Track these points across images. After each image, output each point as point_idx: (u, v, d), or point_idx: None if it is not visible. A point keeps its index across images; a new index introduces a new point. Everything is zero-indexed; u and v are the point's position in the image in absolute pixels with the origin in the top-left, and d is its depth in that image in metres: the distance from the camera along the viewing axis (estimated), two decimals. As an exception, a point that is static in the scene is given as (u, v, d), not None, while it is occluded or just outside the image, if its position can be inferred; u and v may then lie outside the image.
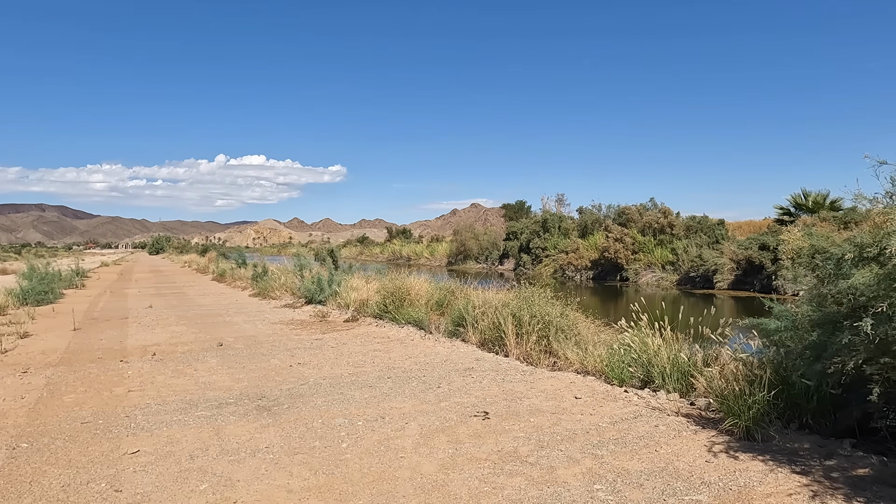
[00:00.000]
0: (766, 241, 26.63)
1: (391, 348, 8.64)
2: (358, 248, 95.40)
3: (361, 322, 11.18)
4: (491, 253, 51.59)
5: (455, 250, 56.99)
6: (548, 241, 41.94)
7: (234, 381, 6.67)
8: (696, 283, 29.85)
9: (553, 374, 6.85)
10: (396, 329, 10.23)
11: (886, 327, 3.23)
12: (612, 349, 6.56)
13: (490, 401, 5.70)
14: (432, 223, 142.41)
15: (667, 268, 32.29)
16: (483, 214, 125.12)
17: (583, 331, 8.59)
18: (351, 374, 6.94)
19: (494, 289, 10.81)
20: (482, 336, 8.72)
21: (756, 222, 37.78)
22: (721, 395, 4.70)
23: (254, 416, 5.28)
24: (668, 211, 34.13)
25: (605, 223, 36.88)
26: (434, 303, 10.82)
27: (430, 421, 5.08)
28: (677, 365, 5.68)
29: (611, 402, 5.56)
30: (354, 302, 12.33)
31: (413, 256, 69.17)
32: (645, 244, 33.48)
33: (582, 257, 37.26)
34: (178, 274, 31.81)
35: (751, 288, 27.11)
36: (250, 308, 14.23)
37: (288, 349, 8.63)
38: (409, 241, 77.99)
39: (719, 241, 31.08)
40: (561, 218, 44.23)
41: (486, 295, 9.97)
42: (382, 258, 79.84)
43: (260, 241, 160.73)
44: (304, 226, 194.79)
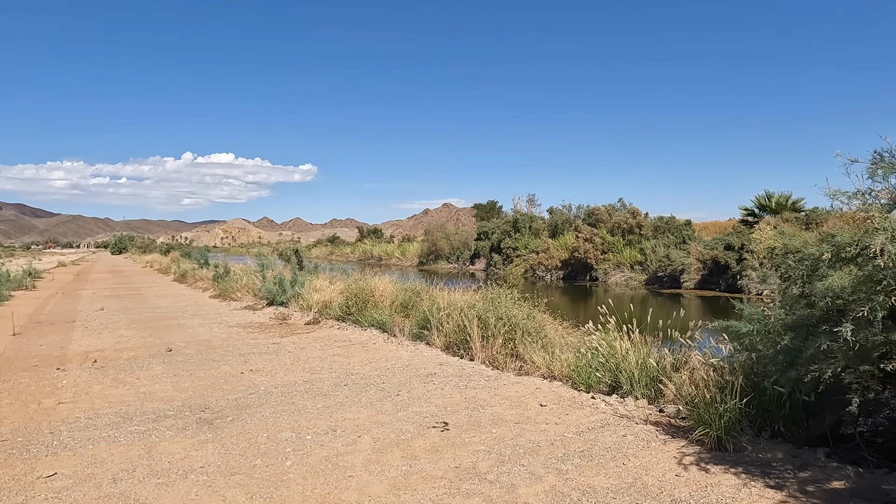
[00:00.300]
0: (731, 242, 26.97)
1: (352, 352, 8.24)
2: (328, 248, 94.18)
3: (323, 325, 10.73)
4: (462, 253, 51.37)
5: (426, 250, 56.60)
6: (518, 241, 41.90)
7: (178, 391, 6.19)
8: (663, 283, 30.10)
9: (519, 380, 6.56)
10: (359, 332, 9.82)
11: (867, 333, 3.00)
12: (580, 353, 6.30)
13: (451, 410, 5.36)
14: (404, 223, 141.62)
15: (635, 268, 32.51)
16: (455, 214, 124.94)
17: (550, 333, 8.33)
18: (305, 382, 6.52)
19: (462, 290, 10.50)
20: (447, 339, 8.38)
21: (721, 223, 38.41)
22: (691, 403, 4.46)
23: (193, 431, 4.84)
24: (637, 211, 34.39)
25: (575, 223, 36.98)
26: (399, 304, 10.45)
27: (386, 433, 4.71)
28: (646, 370, 5.44)
29: (577, 410, 5.28)
30: (317, 304, 11.87)
31: (384, 256, 68.52)
32: (614, 244, 33.65)
33: (552, 257, 37.29)
34: (139, 274, 30.68)
35: (716, 287, 27.43)
36: (208, 310, 13.62)
37: (241, 354, 8.15)
38: (380, 240, 77.30)
39: (686, 241, 31.42)
40: (532, 218, 44.26)
41: (453, 296, 9.65)
42: (353, 258, 78.90)
43: (228, 240, 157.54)
44: (274, 225, 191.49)
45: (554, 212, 42.56)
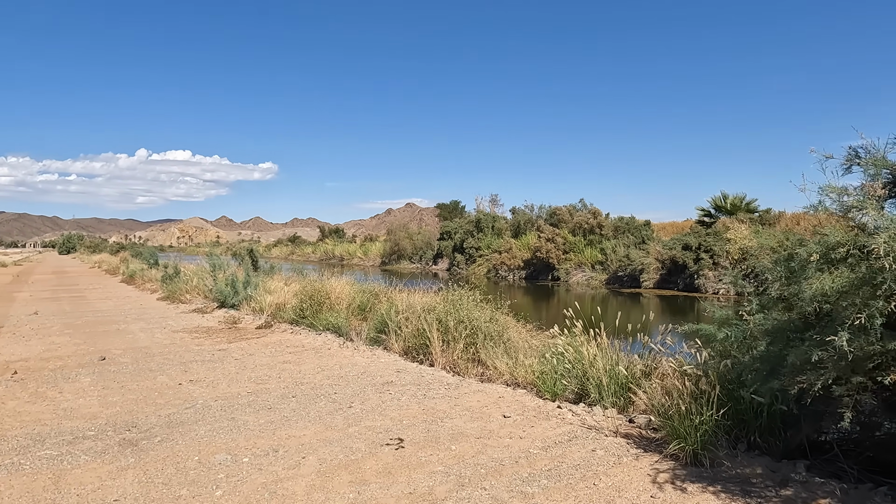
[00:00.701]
0: (688, 242, 27.35)
1: (303, 359, 7.69)
2: (289, 248, 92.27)
3: (276, 329, 10.11)
4: (425, 253, 50.92)
5: (389, 250, 55.93)
6: (481, 241, 41.73)
7: (104, 406, 5.55)
8: (623, 283, 30.35)
9: (481, 387, 6.16)
10: (313, 336, 9.26)
11: (861, 342, 2.71)
12: (545, 359, 5.94)
13: (407, 423, 4.92)
14: (367, 223, 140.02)
15: (596, 267, 32.71)
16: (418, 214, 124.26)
17: (513, 336, 7.98)
18: (250, 393, 5.96)
19: (422, 291, 10.07)
20: (406, 344, 7.93)
21: (679, 223, 39.11)
22: (665, 415, 4.14)
23: (113, 455, 4.25)
24: (598, 212, 34.63)
25: (538, 223, 37.02)
26: (356, 307, 9.93)
27: (334, 453, 4.23)
28: (615, 377, 5.11)
29: (543, 421, 4.92)
30: (270, 306, 11.23)
31: (346, 256, 67.45)
32: (575, 244, 33.79)
33: (515, 257, 37.22)
34: (85, 275, 29.08)
35: (675, 287, 27.78)
36: (154, 313, 12.78)
37: (182, 363, 7.50)
38: (342, 240, 76.13)
39: (645, 241, 31.77)
40: (494, 218, 44.17)
41: (412, 298, 9.20)
42: (315, 258, 77.41)
43: (185, 240, 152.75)
44: (234, 224, 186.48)
45: (516, 212, 42.57)
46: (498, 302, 8.43)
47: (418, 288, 10.65)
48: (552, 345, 6.36)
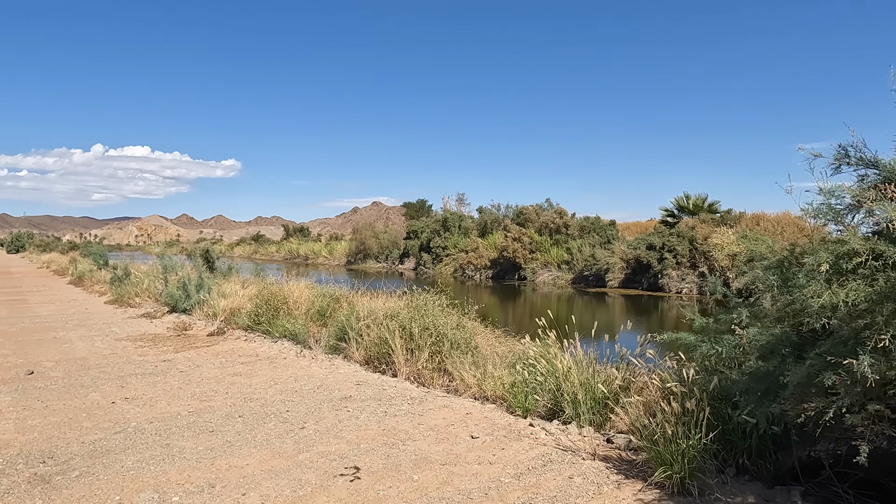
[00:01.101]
0: (652, 242, 27.52)
1: (256, 371, 7.10)
2: (252, 247, 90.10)
3: (229, 335, 9.45)
4: (391, 252, 50.23)
5: (354, 249, 55.01)
6: (448, 241, 41.34)
7: (21, 432, 4.87)
8: (589, 282, 30.38)
9: (447, 401, 5.70)
10: (269, 344, 8.64)
11: (883, 366, 2.35)
12: (515, 370, 5.53)
13: (365, 447, 4.42)
14: (333, 221, 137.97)
15: (562, 267, 32.70)
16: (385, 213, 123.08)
17: (482, 344, 7.56)
18: (192, 413, 5.36)
19: (387, 294, 9.56)
20: (367, 352, 7.42)
21: (642, 223, 39.52)
22: (648, 438, 3.75)
23: (18, 496, 3.63)
24: (564, 211, 34.64)
25: (504, 223, 36.83)
26: (315, 312, 9.34)
27: (280, 488, 3.71)
28: (591, 392, 4.72)
29: (514, 443, 4.49)
30: (224, 311, 10.54)
31: (311, 256, 66.15)
32: (542, 244, 33.72)
33: (481, 256, 36.96)
34: (31, 276, 27.45)
35: (639, 286, 27.94)
36: (98, 319, 11.90)
37: (120, 377, 6.81)
38: (307, 239, 74.69)
39: (611, 241, 31.90)
40: (461, 217, 43.83)
41: (375, 303, 8.69)
42: (279, 257, 75.69)
43: (144, 238, 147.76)
44: (195, 223, 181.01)
45: (483, 211, 42.33)
46: (465, 307, 8.00)
47: (383, 290, 10.14)
48: (523, 354, 5.97)
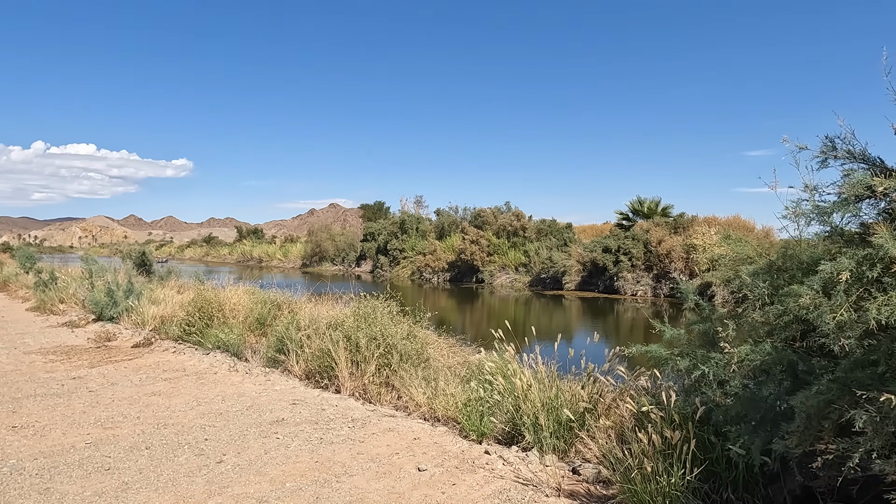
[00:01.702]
0: (608, 245, 27.54)
1: (179, 389, 6.24)
2: (204, 249, 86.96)
3: (156, 347, 8.49)
4: (348, 254, 49.08)
5: (310, 251, 53.54)
6: (406, 243, 40.59)
7: None
8: (546, 285, 30.21)
9: (393, 424, 5.03)
10: (199, 357, 7.76)
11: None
12: (470, 388, 4.91)
13: (292, 487, 3.71)
14: (288, 223, 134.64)
15: (520, 269, 32.45)
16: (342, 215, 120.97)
17: (435, 354, 6.93)
18: (89, 445, 4.51)
19: (334, 300, 8.82)
20: (307, 366, 6.67)
21: (598, 226, 39.77)
22: (624, 474, 3.19)
23: None
24: (521, 214, 34.43)
25: (462, 225, 36.37)
26: (254, 320, 8.50)
27: (175, 548, 2.96)
28: (555, 415, 4.15)
29: (468, 475, 3.86)
30: (153, 319, 9.55)
31: (265, 258, 64.15)
32: (499, 246, 33.40)
33: (439, 259, 36.38)
34: (-48, 280, 25.19)
35: (595, 288, 27.91)
36: (13, 329, 10.66)
37: (15, 399, 5.84)
38: (260, 241, 72.47)
39: (567, 243, 31.84)
40: (419, 219, 43.16)
41: (319, 310, 7.95)
42: (231, 260, 73.11)
43: (88, 240, 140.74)
44: (143, 224, 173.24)
45: (441, 213, 41.80)
46: (417, 314, 7.36)
47: (332, 295, 9.39)
48: (478, 368, 5.37)
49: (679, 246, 24.85)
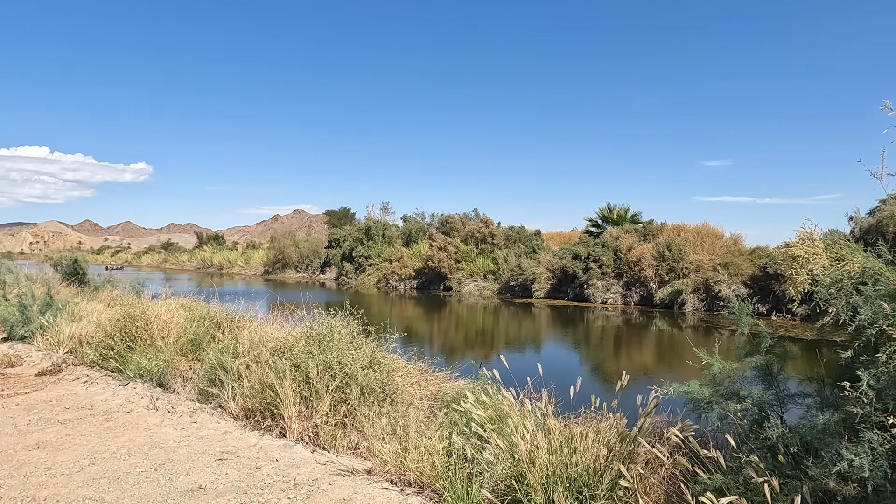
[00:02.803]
0: (578, 252, 26.76)
1: (75, 437, 4.80)
2: (162, 256, 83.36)
3: (66, 375, 6.95)
4: (312, 261, 47.26)
5: (273, 258, 51.45)
6: (371, 250, 39.13)
7: None
8: (515, 292, 29.26)
9: (349, 492, 3.74)
10: (115, 389, 6.28)
11: None
12: (453, 443, 3.67)
13: None
14: (252, 229, 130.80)
15: (488, 277, 31.43)
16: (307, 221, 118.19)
17: (403, 384, 5.68)
18: None
19: (284, 316, 7.47)
20: (246, 402, 5.31)
21: (565, 233, 39.19)
22: None
23: None
24: (490, 221, 33.46)
25: (430, 231, 35.18)
26: (188, 341, 7.07)
27: None
28: (573, 487, 2.94)
29: (456, 590, 2.62)
30: (71, 339, 7.98)
31: (226, 265, 61.59)
32: (468, 253, 32.32)
33: (406, 266, 35.08)
34: None
35: (565, 296, 27.06)
36: None
37: None
38: (221, 247, 69.71)
39: (536, 250, 30.99)
40: (385, 226, 41.78)
41: (266, 330, 6.59)
42: (191, 267, 70.08)
43: (40, 246, 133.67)
44: (99, 230, 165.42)
45: (408, 220, 40.52)
46: (383, 333, 6.10)
47: (289, 306, 8.03)
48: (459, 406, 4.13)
49: (649, 253, 24.22)
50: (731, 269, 21.67)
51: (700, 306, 22.26)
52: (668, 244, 23.83)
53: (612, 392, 3.48)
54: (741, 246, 23.34)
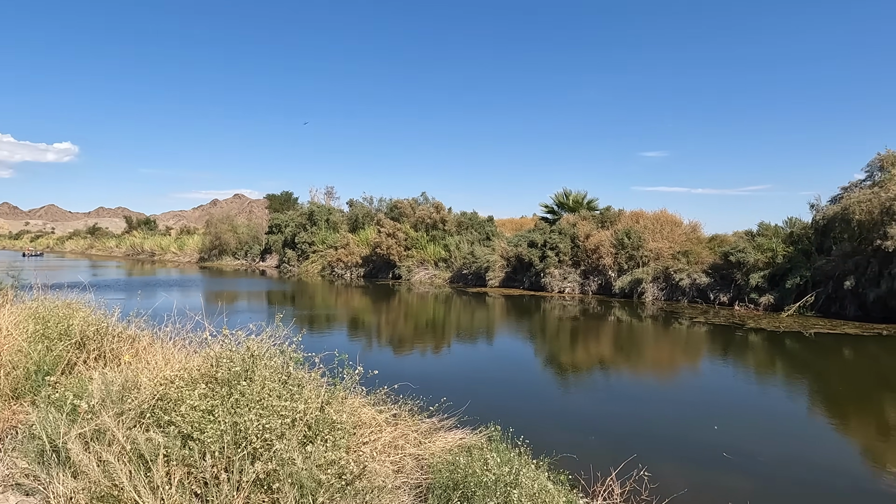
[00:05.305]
0: (534, 239, 25.03)
1: None
2: (88, 241, 76.16)
3: None
4: (252, 248, 43.59)
5: (209, 245, 47.29)
6: (315, 236, 36.11)
7: None
8: (468, 281, 27.29)
9: None
10: None
11: None
12: None
13: None
14: (189, 214, 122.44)
15: (440, 265, 29.30)
16: (248, 206, 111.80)
17: (370, 452, 3.41)
18: None
19: (187, 338, 4.96)
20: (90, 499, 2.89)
21: (517, 220, 37.54)
22: None
23: None
24: (441, 206, 31.25)
25: (378, 217, 32.60)
26: (25, 373, 4.45)
27: None
28: None
29: None
30: None
31: (158, 251, 56.51)
32: (418, 240, 30.03)
33: (353, 253, 32.39)
34: None
35: (520, 285, 25.31)
36: None
37: None
38: (153, 232, 64.13)
39: (490, 237, 29.10)
40: (330, 211, 38.76)
41: (156, 357, 4.11)
42: (119, 253, 64.05)
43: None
44: (19, 213, 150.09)
45: (354, 205, 37.70)
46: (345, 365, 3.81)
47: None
48: None
49: (608, 240, 22.77)
50: (692, 258, 20.51)
51: (660, 295, 21.02)
52: (627, 231, 22.44)
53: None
54: (700, 234, 22.28)
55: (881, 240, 14.39)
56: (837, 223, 16.58)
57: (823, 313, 16.17)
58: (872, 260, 15.01)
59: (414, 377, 5.08)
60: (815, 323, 14.99)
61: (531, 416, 7.16)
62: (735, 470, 5.40)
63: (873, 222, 15.02)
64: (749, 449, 5.95)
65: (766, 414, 7.65)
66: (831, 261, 16.14)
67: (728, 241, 20.22)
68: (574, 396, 8.73)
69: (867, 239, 15.21)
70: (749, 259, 18.25)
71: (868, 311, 15.37)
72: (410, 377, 4.85)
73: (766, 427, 6.95)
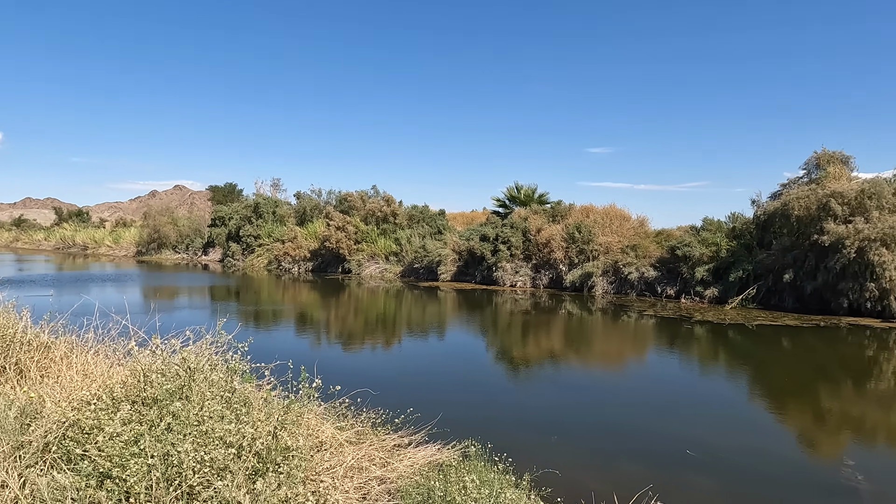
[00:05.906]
0: (486, 233, 24.86)
1: None
2: (13, 234, 70.41)
3: None
4: (193, 241, 41.37)
5: (147, 237, 44.54)
6: (261, 229, 34.63)
7: None
8: (420, 275, 26.85)
9: None
10: None
11: None
12: None
13: None
14: (126, 206, 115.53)
15: (391, 259, 28.69)
16: (189, 197, 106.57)
17: (330, 482, 2.93)
18: None
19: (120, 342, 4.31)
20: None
21: (467, 214, 37.33)
22: None
23: None
24: (392, 199, 30.60)
25: (326, 210, 31.55)
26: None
27: None
28: None
29: None
30: None
31: (91, 244, 52.85)
32: (368, 233, 29.29)
33: (300, 247, 31.24)
34: None
35: (472, 279, 25.10)
36: None
37: None
38: (86, 225, 60.05)
39: (441, 231, 28.73)
40: (276, 203, 37.28)
41: (73, 370, 3.46)
42: (48, 246, 59.52)
43: None
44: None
45: (302, 197, 36.38)
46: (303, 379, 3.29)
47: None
48: None
49: (559, 234, 22.87)
50: (640, 252, 20.87)
51: (609, 289, 21.30)
52: (577, 226, 22.60)
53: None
54: (647, 228, 22.72)
55: (818, 234, 15.00)
56: (777, 218, 17.19)
57: (764, 305, 16.76)
58: (810, 254, 15.64)
59: (370, 379, 4.62)
60: (758, 315, 15.48)
61: (489, 413, 6.83)
62: (695, 462, 5.25)
63: (811, 218, 15.64)
64: (704, 439, 5.84)
65: (714, 403, 7.72)
66: (771, 255, 16.73)
67: (674, 235, 20.69)
68: (527, 392, 8.50)
69: (805, 234, 15.83)
70: (694, 253, 18.71)
71: (805, 304, 16.02)
72: (366, 378, 4.39)
73: (712, 416, 6.98)
